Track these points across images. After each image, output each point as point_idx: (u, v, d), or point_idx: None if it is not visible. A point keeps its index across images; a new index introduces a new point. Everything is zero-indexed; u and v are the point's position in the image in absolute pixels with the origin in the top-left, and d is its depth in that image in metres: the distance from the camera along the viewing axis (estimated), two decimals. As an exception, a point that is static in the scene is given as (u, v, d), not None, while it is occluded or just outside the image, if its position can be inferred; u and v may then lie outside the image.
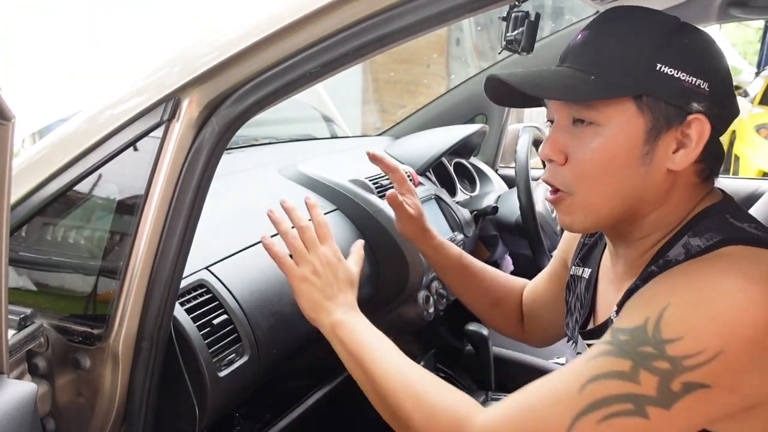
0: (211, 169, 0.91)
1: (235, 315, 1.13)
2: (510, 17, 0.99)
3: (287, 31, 0.83)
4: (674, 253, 0.78)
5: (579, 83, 0.76)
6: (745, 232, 0.76)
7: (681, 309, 0.69)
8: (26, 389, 0.76)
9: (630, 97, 0.76)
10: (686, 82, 0.75)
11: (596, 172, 0.77)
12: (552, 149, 0.80)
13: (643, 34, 0.77)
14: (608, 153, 0.76)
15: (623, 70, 0.76)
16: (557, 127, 0.81)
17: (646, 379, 0.67)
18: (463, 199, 2.11)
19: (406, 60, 7.54)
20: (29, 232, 0.99)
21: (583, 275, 1.01)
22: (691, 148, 0.77)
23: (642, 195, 0.79)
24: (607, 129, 0.76)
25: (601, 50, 0.77)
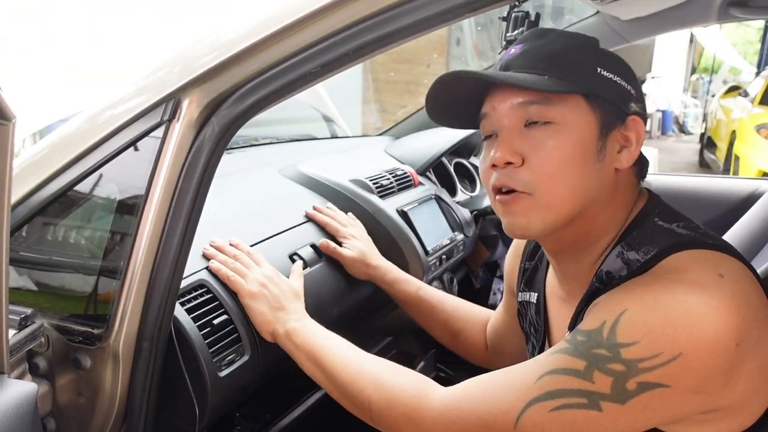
0: (212, 169, 0.91)
1: (235, 315, 1.13)
2: (510, 17, 1.00)
3: (287, 31, 0.83)
4: (613, 266, 0.79)
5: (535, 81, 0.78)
6: (676, 236, 0.78)
7: (637, 314, 0.70)
8: (27, 389, 0.76)
9: (581, 96, 0.79)
10: (621, 86, 0.81)
11: (557, 170, 0.78)
12: (509, 152, 0.80)
13: (581, 44, 0.82)
14: (568, 149, 0.78)
15: (572, 71, 0.79)
16: (509, 131, 0.81)
17: (600, 379, 0.70)
18: (464, 199, 2.11)
19: (407, 60, 7.54)
20: (30, 232, 0.99)
21: (531, 300, 1.01)
22: (633, 147, 0.81)
23: (595, 194, 0.81)
24: (564, 126, 0.78)
25: (548, 55, 0.80)
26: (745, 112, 6.97)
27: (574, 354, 0.72)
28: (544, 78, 0.78)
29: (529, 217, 0.81)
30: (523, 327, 1.06)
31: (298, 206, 1.54)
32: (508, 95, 0.81)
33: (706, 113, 9.41)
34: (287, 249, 1.35)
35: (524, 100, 0.80)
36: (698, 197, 1.92)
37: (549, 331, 0.95)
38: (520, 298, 1.05)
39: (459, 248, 1.85)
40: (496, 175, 0.82)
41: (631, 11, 1.54)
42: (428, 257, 1.65)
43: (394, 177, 1.79)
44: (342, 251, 1.29)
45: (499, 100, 0.82)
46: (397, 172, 1.84)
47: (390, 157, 2.02)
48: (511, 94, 0.81)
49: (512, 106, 0.81)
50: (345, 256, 1.29)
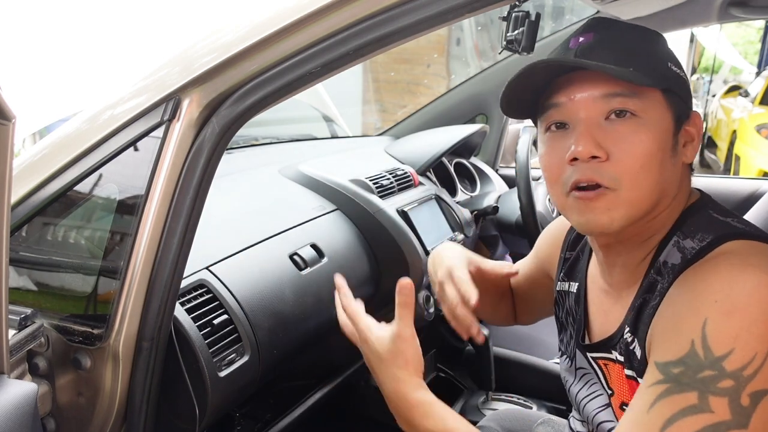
0: (212, 169, 0.91)
1: (235, 315, 1.13)
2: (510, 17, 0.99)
3: (287, 31, 0.83)
4: (669, 256, 0.78)
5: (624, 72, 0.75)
6: (732, 227, 0.78)
7: (719, 321, 0.68)
8: (27, 389, 0.76)
9: (660, 90, 0.78)
10: (686, 82, 0.81)
11: (642, 165, 0.76)
12: (594, 146, 0.76)
13: (653, 39, 0.81)
14: (652, 144, 0.76)
15: (650, 66, 0.78)
16: (589, 124, 0.77)
17: (717, 404, 0.66)
18: (464, 199, 2.11)
19: (407, 60, 7.54)
20: (30, 232, 0.99)
21: (571, 290, 1.00)
22: (696, 141, 0.82)
23: (668, 189, 0.80)
24: (646, 121, 0.76)
25: (627, 47, 0.78)
26: (745, 112, 6.96)
27: (680, 389, 0.68)
28: (629, 70, 0.75)
29: (612, 214, 0.77)
30: (559, 317, 1.04)
31: (298, 206, 1.54)
32: (590, 85, 0.77)
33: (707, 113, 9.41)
34: (287, 249, 1.35)
35: (609, 91, 0.76)
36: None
37: (588, 321, 0.94)
38: (558, 287, 1.04)
39: (459, 248, 1.85)
40: (576, 169, 0.77)
41: (631, 11, 1.54)
42: (428, 257, 1.65)
43: (394, 177, 1.79)
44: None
45: (578, 90, 0.78)
46: (398, 172, 1.84)
47: (390, 157, 2.02)
48: (594, 85, 0.77)
49: (594, 97, 0.77)
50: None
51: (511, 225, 2.06)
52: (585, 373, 0.93)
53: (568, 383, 0.98)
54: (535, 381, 1.77)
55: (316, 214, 1.54)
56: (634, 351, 0.80)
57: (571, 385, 0.97)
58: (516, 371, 1.82)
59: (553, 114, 0.81)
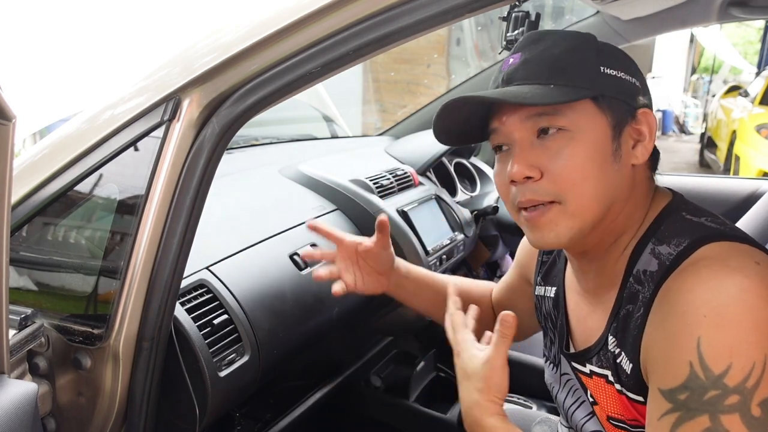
0: (212, 169, 0.91)
1: (235, 315, 1.13)
2: (510, 17, 1.00)
3: (287, 32, 0.83)
4: (647, 264, 0.78)
5: (543, 92, 0.77)
6: (707, 228, 0.77)
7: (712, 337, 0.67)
8: (27, 389, 0.76)
9: (589, 99, 0.78)
10: (627, 81, 0.80)
11: (578, 177, 0.77)
12: (526, 167, 0.78)
13: (581, 44, 0.80)
14: (585, 154, 0.77)
15: (576, 75, 0.78)
16: (521, 145, 0.79)
17: (730, 422, 0.66)
18: (464, 199, 2.11)
19: (407, 60, 7.54)
20: (30, 232, 0.99)
21: (548, 294, 1.00)
22: (647, 140, 0.81)
23: (616, 194, 0.80)
24: (577, 132, 0.77)
25: (550, 62, 0.79)
26: (745, 112, 6.96)
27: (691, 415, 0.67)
28: (549, 87, 0.76)
29: (558, 228, 0.79)
30: (539, 320, 1.05)
31: (298, 206, 1.54)
32: (516, 108, 0.79)
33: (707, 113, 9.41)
34: (287, 249, 1.35)
35: (533, 112, 0.78)
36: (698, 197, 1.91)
37: (570, 328, 0.94)
38: (536, 291, 1.04)
39: (459, 248, 1.85)
40: (517, 191, 0.80)
41: (631, 11, 1.54)
42: (428, 257, 1.65)
43: (394, 177, 1.79)
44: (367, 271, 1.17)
45: (506, 114, 0.80)
46: (398, 172, 1.84)
47: (390, 157, 2.02)
48: (518, 107, 0.79)
49: (521, 119, 0.79)
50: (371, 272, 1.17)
51: (511, 225, 2.06)
52: (569, 380, 0.93)
53: (554, 390, 0.98)
54: (535, 381, 1.77)
55: (316, 214, 1.54)
56: (622, 365, 0.79)
57: (558, 392, 0.97)
58: (516, 371, 1.81)
59: (494, 138, 0.84)
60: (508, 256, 2.31)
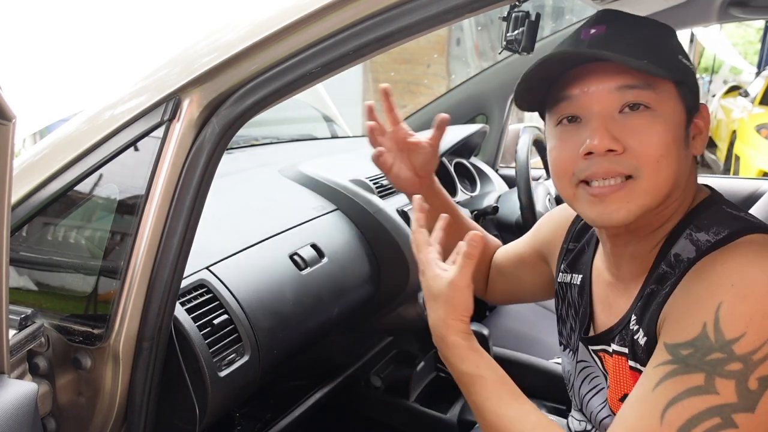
0: (212, 169, 0.91)
1: (235, 315, 1.13)
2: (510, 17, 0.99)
3: (287, 32, 0.83)
4: (682, 249, 0.78)
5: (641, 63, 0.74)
6: (748, 221, 0.77)
7: (734, 304, 0.67)
8: (27, 389, 0.76)
9: (673, 83, 0.78)
10: (695, 75, 0.82)
11: (661, 156, 0.76)
12: (610, 139, 0.76)
13: (664, 31, 0.81)
14: (668, 136, 0.76)
15: (663, 57, 0.78)
16: (604, 117, 0.77)
17: (724, 386, 0.66)
18: (464, 199, 2.11)
19: (407, 60, 7.54)
20: (30, 232, 0.99)
21: (573, 282, 0.99)
22: (705, 133, 0.83)
23: (680, 179, 0.80)
24: (660, 113, 0.76)
25: (640, 39, 0.78)
26: (745, 112, 6.96)
27: (687, 370, 0.68)
28: (644, 62, 0.74)
29: (629, 205, 0.77)
30: (559, 309, 1.04)
31: (298, 206, 1.54)
32: (604, 77, 0.76)
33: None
34: (287, 249, 1.35)
35: (624, 83, 0.76)
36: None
37: (593, 314, 0.93)
38: (559, 279, 1.03)
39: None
40: (591, 163, 0.77)
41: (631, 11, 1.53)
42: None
43: (394, 177, 1.79)
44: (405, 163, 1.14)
45: (592, 82, 0.77)
46: (398, 172, 1.83)
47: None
48: (608, 77, 0.76)
49: (609, 90, 0.76)
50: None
51: (511, 225, 2.06)
52: (586, 366, 0.93)
53: (570, 379, 0.98)
54: (535, 381, 1.77)
55: (316, 214, 1.54)
56: (638, 340, 0.79)
57: (574, 380, 0.96)
58: (516, 371, 1.81)
59: (565, 107, 0.80)
60: (508, 256, 2.31)
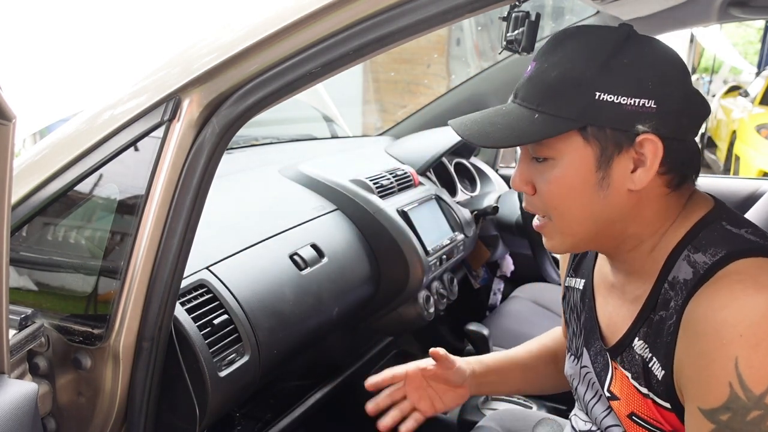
0: (212, 169, 0.91)
1: (235, 315, 1.13)
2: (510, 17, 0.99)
3: (288, 31, 0.83)
4: (681, 272, 0.78)
5: (525, 124, 0.78)
6: (746, 241, 0.77)
7: (750, 357, 0.68)
8: (27, 389, 0.76)
9: (576, 130, 0.77)
10: (628, 106, 0.74)
11: (558, 202, 0.81)
12: (520, 181, 0.84)
13: (583, 62, 0.76)
14: (565, 184, 0.79)
15: (565, 104, 0.76)
16: (522, 160, 0.84)
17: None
18: (464, 199, 2.11)
19: (407, 60, 7.54)
20: (30, 232, 0.99)
21: (577, 286, 1.00)
22: (648, 166, 0.77)
23: (607, 217, 0.80)
24: (560, 162, 0.79)
25: (544, 85, 0.78)
26: (745, 112, 6.96)
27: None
28: (534, 118, 0.77)
29: (553, 240, 0.85)
30: (564, 310, 1.05)
31: (298, 206, 1.54)
32: None
33: (707, 115, 9.39)
34: (287, 249, 1.35)
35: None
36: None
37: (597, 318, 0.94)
38: (567, 283, 1.05)
39: (459, 248, 1.85)
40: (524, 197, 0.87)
41: (631, 11, 1.54)
42: (428, 257, 1.65)
43: (394, 177, 1.79)
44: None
45: None
46: (398, 172, 1.84)
47: (390, 157, 2.02)
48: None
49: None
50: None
51: (511, 225, 2.06)
52: (587, 373, 0.93)
53: (574, 383, 0.99)
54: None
55: (316, 214, 1.54)
56: (654, 371, 0.79)
57: (578, 385, 0.97)
58: (516, 371, 1.81)
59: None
60: (508, 256, 2.31)
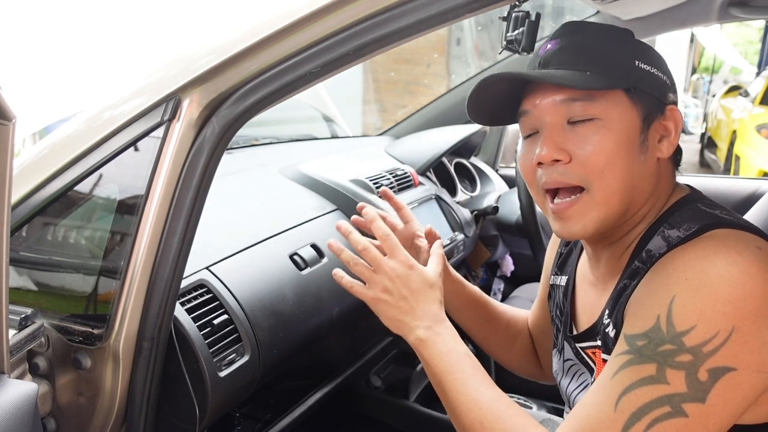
0: (212, 169, 0.91)
1: (235, 315, 1.13)
2: (510, 17, 0.99)
3: (287, 32, 0.83)
4: (655, 246, 0.80)
5: (578, 78, 0.79)
6: (719, 218, 0.79)
7: (686, 297, 0.70)
8: (27, 389, 0.76)
9: (622, 90, 0.80)
10: (659, 77, 0.82)
11: (606, 165, 0.79)
12: (554, 150, 0.81)
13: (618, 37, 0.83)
14: (613, 143, 0.79)
15: (612, 66, 0.80)
16: (551, 129, 0.82)
17: (674, 377, 0.69)
18: (464, 199, 2.11)
19: (407, 60, 7.55)
20: (30, 232, 0.99)
21: (560, 283, 1.02)
22: (672, 136, 0.83)
23: (641, 184, 0.82)
24: (607, 121, 0.79)
25: (586, 51, 0.81)
26: (745, 112, 6.96)
27: (641, 361, 0.71)
28: (586, 74, 0.79)
29: (585, 219, 0.82)
30: (551, 309, 1.06)
31: (298, 206, 1.54)
32: (550, 92, 0.81)
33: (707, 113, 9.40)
34: (287, 249, 1.35)
35: (567, 96, 0.80)
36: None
37: (574, 314, 0.96)
38: (551, 281, 1.07)
39: (459, 248, 1.85)
40: (543, 172, 0.83)
41: (631, 11, 1.54)
42: (428, 257, 1.64)
43: (394, 177, 1.79)
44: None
45: (540, 97, 0.82)
46: (398, 172, 1.84)
47: (390, 157, 2.02)
48: (553, 91, 0.81)
49: (554, 103, 0.81)
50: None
51: (511, 225, 2.06)
52: (572, 365, 0.95)
53: (558, 378, 1.00)
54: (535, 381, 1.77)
55: (316, 214, 1.54)
56: (609, 333, 0.82)
57: (562, 379, 0.98)
58: (516, 371, 1.82)
59: (524, 121, 0.86)
60: (508, 256, 2.31)
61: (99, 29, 2.45)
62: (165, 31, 2.38)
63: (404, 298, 0.88)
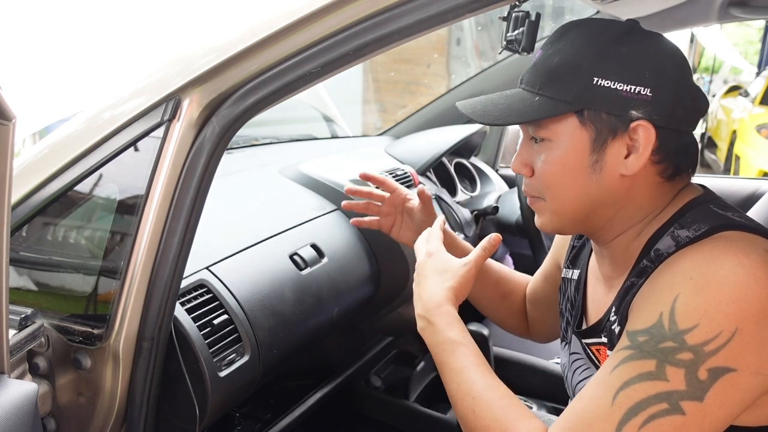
0: (212, 169, 0.91)
1: (235, 315, 1.13)
2: (510, 17, 0.99)
3: (287, 32, 0.83)
4: (664, 245, 0.80)
5: (525, 106, 0.83)
6: (730, 219, 0.79)
7: (690, 296, 0.70)
8: (27, 389, 0.76)
9: (572, 112, 0.81)
10: (624, 92, 0.78)
11: (554, 182, 0.84)
12: (519, 164, 0.88)
13: (584, 49, 0.80)
14: (560, 165, 0.83)
15: (564, 88, 0.80)
16: (522, 143, 0.88)
17: (673, 374, 0.69)
18: (464, 199, 2.11)
19: (407, 60, 7.55)
20: (30, 231, 0.99)
21: (572, 277, 1.03)
22: (640, 152, 0.80)
23: (598, 200, 0.84)
24: (556, 143, 0.83)
25: (546, 70, 0.83)
26: (745, 112, 6.95)
27: (641, 356, 0.71)
28: (534, 100, 0.82)
29: (543, 218, 0.89)
30: (560, 303, 1.07)
31: (298, 206, 1.54)
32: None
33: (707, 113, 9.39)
34: (287, 249, 1.35)
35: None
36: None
37: (585, 308, 0.97)
38: (564, 274, 1.07)
39: (459, 248, 1.85)
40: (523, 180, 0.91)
41: (631, 11, 1.54)
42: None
43: (394, 177, 1.79)
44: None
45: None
46: (398, 172, 1.84)
47: (390, 157, 2.02)
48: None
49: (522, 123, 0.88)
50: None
51: (511, 225, 2.06)
52: (577, 359, 0.95)
53: (565, 372, 1.01)
54: (535, 381, 1.77)
55: (316, 214, 1.54)
56: (614, 330, 0.83)
57: (568, 373, 0.99)
58: (516, 371, 1.82)
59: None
60: (508, 256, 2.31)
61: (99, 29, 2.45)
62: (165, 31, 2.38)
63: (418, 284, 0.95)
